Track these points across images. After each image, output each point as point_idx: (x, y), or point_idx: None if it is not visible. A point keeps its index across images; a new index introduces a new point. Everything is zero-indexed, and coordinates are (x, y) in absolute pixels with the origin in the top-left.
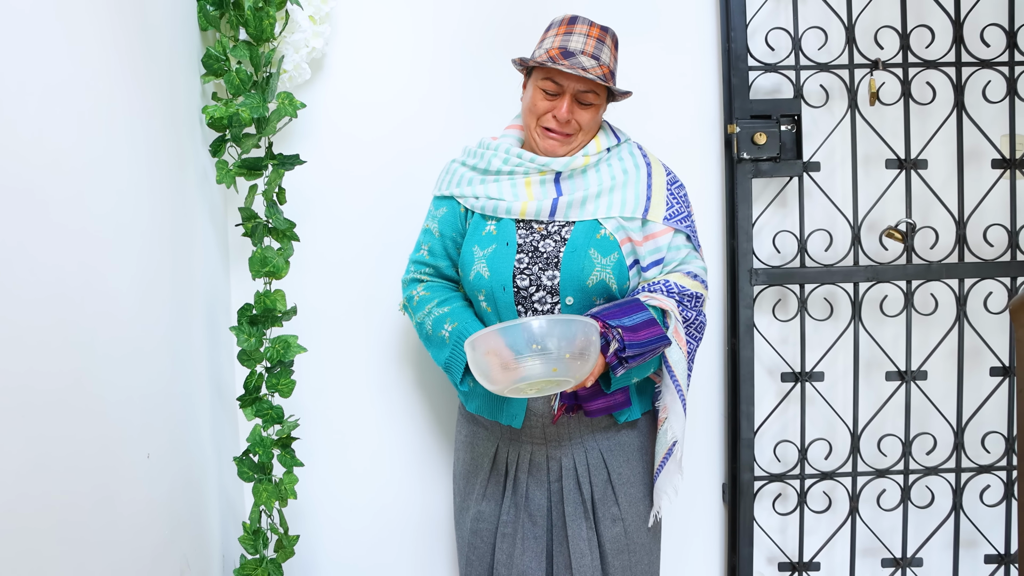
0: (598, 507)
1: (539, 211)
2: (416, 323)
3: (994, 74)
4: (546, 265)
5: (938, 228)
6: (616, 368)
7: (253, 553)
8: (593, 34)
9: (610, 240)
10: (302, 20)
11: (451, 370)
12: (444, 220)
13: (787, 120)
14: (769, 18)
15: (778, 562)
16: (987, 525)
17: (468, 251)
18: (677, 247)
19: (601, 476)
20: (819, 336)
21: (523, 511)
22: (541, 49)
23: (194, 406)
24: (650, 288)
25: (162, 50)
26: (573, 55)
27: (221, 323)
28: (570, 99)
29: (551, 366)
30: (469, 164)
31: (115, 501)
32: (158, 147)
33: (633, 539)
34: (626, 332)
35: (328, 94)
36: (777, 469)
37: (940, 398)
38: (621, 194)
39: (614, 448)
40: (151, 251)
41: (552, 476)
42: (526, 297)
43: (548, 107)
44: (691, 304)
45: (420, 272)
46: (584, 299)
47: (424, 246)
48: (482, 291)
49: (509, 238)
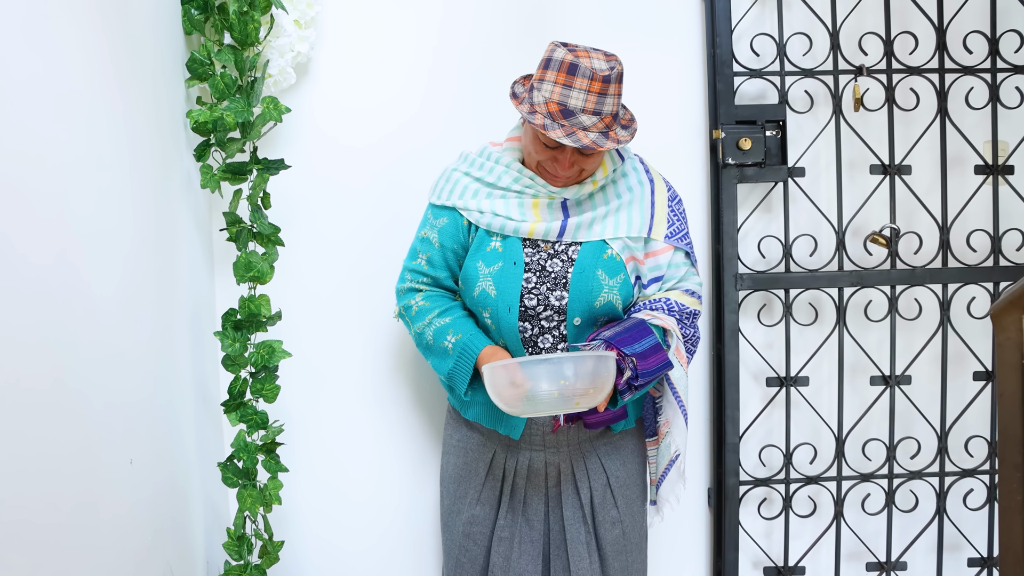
0: (597, 510)
1: (548, 232)
2: (415, 332)
3: (977, 81)
4: (554, 285)
5: (922, 233)
6: (624, 393)
7: (238, 559)
8: (595, 89)
9: (616, 261)
10: (287, 24)
11: (454, 380)
12: (445, 231)
13: (772, 126)
14: (754, 24)
15: (763, 566)
16: (971, 529)
17: (472, 266)
18: (677, 264)
19: (600, 480)
20: (804, 341)
21: (520, 516)
22: (539, 92)
23: (178, 411)
24: (651, 306)
25: (146, 54)
26: (573, 114)
27: (205, 328)
28: (572, 153)
29: (572, 401)
30: (473, 175)
31: (98, 506)
32: (142, 151)
33: (630, 540)
34: (639, 360)
35: (313, 99)
36: (762, 474)
37: (924, 403)
38: (627, 214)
39: (611, 452)
40: (135, 254)
41: (550, 482)
42: (533, 316)
43: (548, 156)
44: (689, 322)
45: (417, 281)
46: (590, 320)
47: (422, 255)
48: (487, 309)
49: (516, 257)
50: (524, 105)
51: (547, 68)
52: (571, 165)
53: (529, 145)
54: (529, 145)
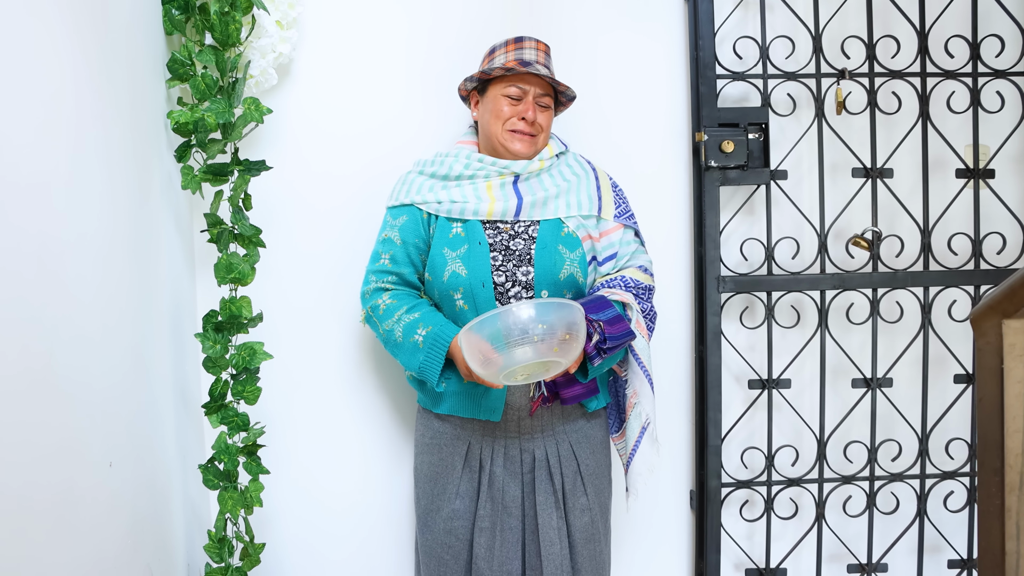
0: (568, 497)
1: (505, 211)
2: (383, 331)
3: (958, 85)
4: (519, 262)
5: (903, 236)
6: (594, 358)
7: (219, 561)
8: (541, 48)
9: (573, 237)
10: (269, 25)
11: (426, 373)
12: (405, 227)
13: (755, 128)
14: (737, 27)
15: (745, 568)
16: (951, 531)
17: (438, 253)
18: (628, 242)
19: (571, 467)
20: (786, 343)
21: (499, 504)
22: (494, 65)
23: (159, 413)
24: (609, 284)
25: (126, 54)
26: (530, 63)
27: (186, 329)
28: (532, 102)
29: (551, 348)
30: (427, 172)
31: (77, 507)
32: (122, 152)
33: (598, 529)
34: (606, 325)
35: (295, 100)
36: (744, 476)
37: (905, 405)
38: (576, 195)
39: (581, 440)
40: (115, 256)
41: (525, 468)
42: (503, 293)
43: (514, 111)
44: (646, 296)
45: (383, 280)
46: (557, 292)
47: (384, 255)
48: (459, 289)
49: (480, 238)
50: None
51: (493, 52)
52: (535, 112)
53: (495, 112)
54: (495, 112)
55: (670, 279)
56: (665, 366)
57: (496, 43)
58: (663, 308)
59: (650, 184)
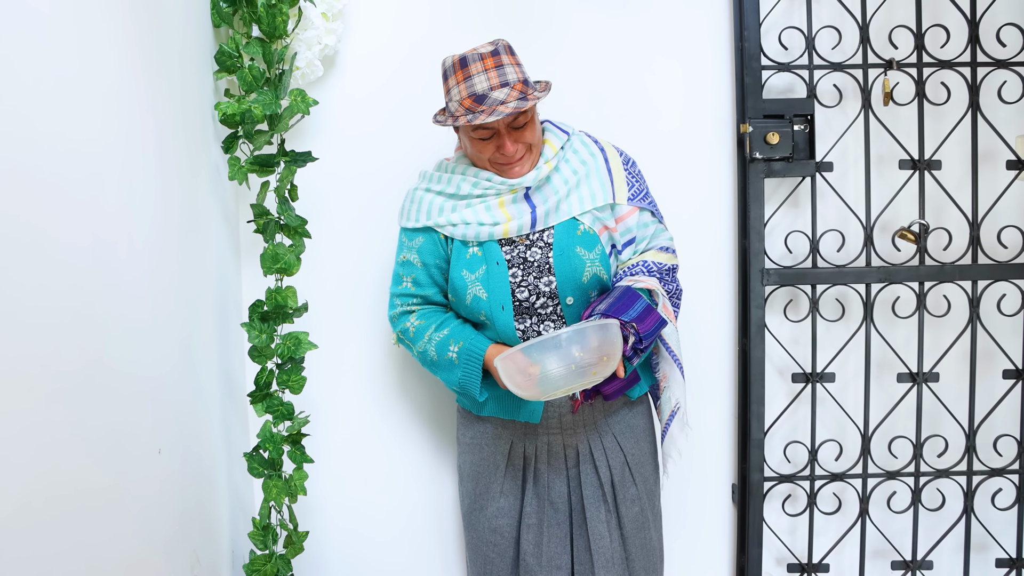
0: (617, 489)
1: (521, 228)
2: (417, 352)
3: (1010, 74)
4: (540, 273)
5: (951, 229)
6: (631, 358)
7: (263, 549)
8: (489, 65)
9: (591, 234)
10: (315, 17)
11: (467, 388)
12: (424, 249)
13: (800, 120)
14: (783, 17)
15: (787, 563)
16: (999, 529)
17: (458, 276)
18: (645, 224)
19: (618, 459)
20: (830, 337)
21: (545, 500)
22: (452, 102)
23: (205, 402)
24: (631, 272)
25: (175, 46)
26: (485, 96)
27: (232, 319)
28: (506, 132)
29: (589, 372)
30: (435, 190)
31: (126, 496)
32: (170, 143)
33: (647, 516)
34: (638, 324)
35: (341, 91)
36: (787, 470)
37: (952, 400)
38: (588, 186)
39: (625, 431)
40: (163, 246)
41: (570, 463)
42: (528, 308)
43: (490, 149)
44: (670, 277)
45: (408, 304)
46: (582, 296)
47: (406, 278)
48: (482, 312)
49: (497, 257)
50: (447, 119)
51: (446, 79)
52: (513, 143)
53: (473, 153)
54: (473, 153)
55: (714, 271)
56: (708, 359)
57: (447, 64)
58: (706, 301)
59: (695, 175)
